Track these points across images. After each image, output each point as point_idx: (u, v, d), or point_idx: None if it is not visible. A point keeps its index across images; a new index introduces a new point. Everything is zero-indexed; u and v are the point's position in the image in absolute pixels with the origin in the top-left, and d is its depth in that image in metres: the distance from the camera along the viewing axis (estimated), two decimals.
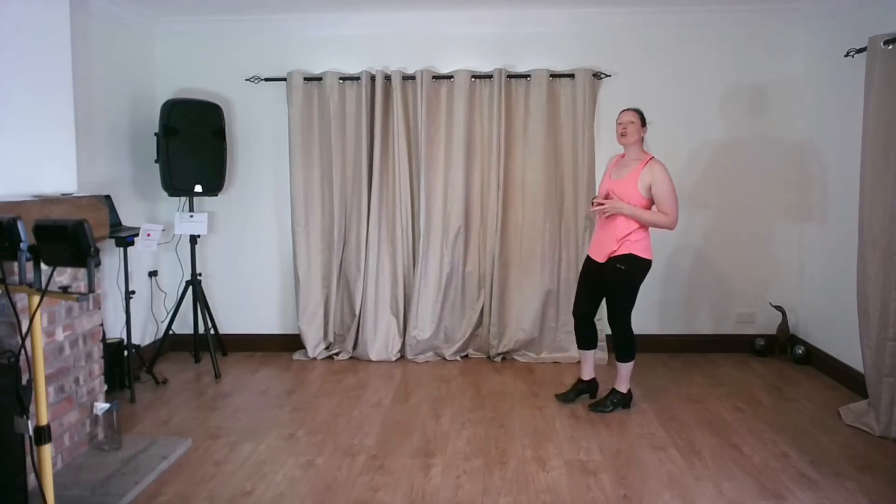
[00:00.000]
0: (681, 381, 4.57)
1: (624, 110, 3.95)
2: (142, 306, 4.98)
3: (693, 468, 3.29)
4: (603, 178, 4.10)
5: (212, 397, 4.36)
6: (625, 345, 3.95)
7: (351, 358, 5.12)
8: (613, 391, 4.03)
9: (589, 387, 4.15)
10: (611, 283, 3.89)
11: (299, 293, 5.13)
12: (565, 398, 4.15)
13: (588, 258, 4.05)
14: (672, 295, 5.20)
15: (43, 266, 2.22)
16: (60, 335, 3.26)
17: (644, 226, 3.83)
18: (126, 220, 4.54)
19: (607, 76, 5.02)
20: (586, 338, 4.10)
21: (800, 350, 4.90)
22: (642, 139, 3.91)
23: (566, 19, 4.99)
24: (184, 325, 5.09)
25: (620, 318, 3.91)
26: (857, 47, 3.93)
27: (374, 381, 4.65)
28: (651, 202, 3.81)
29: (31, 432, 2.25)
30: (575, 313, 4.12)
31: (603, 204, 3.83)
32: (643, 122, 3.89)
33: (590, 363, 4.13)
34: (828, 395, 4.29)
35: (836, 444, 3.55)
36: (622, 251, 3.81)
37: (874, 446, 3.51)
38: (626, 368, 3.99)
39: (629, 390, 4.04)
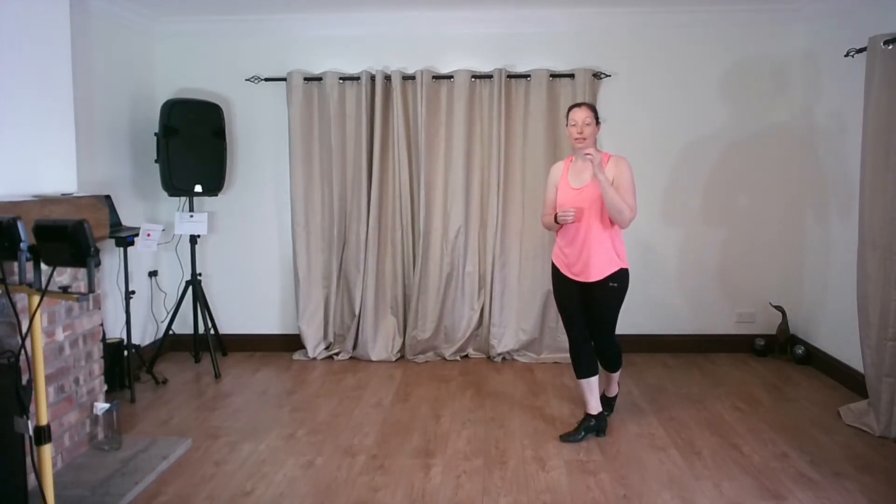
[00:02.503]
0: (681, 381, 4.56)
1: (576, 106, 3.48)
2: (142, 306, 4.98)
3: (693, 468, 3.29)
4: (558, 186, 3.60)
5: (212, 397, 4.36)
6: (619, 356, 3.77)
7: (351, 358, 5.12)
8: (587, 416, 3.66)
9: (599, 423, 3.65)
10: (604, 302, 3.53)
11: (299, 293, 5.13)
12: (574, 437, 3.61)
13: (565, 277, 3.57)
14: (672, 295, 5.19)
15: (43, 266, 2.22)
16: (60, 335, 3.26)
17: (620, 232, 3.52)
18: (126, 220, 4.54)
19: (607, 76, 5.02)
20: (589, 363, 3.60)
21: (800, 350, 4.90)
22: (595, 138, 3.51)
23: (566, 19, 4.99)
24: (184, 325, 5.09)
25: (613, 332, 3.64)
26: (857, 47, 3.93)
27: (374, 381, 4.65)
28: None
29: (31, 432, 2.24)
30: (575, 337, 3.61)
31: (582, 215, 3.39)
32: (597, 120, 3.48)
33: (596, 392, 3.63)
34: (828, 395, 4.29)
35: (836, 444, 3.55)
36: (616, 268, 3.49)
37: (874, 446, 3.51)
38: (618, 374, 3.87)
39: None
